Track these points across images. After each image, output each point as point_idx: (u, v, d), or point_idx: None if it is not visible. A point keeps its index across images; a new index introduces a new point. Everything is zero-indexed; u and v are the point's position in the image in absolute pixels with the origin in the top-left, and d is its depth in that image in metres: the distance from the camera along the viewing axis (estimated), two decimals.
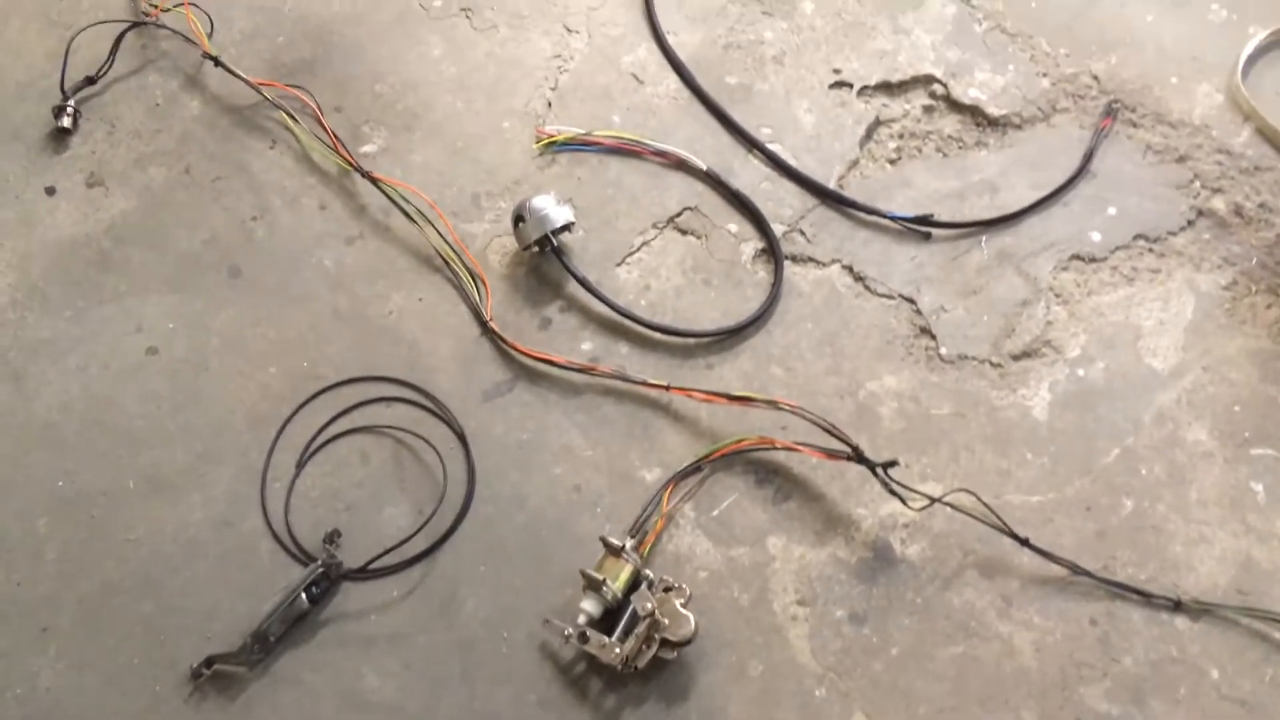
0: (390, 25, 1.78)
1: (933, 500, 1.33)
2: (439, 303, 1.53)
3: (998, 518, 1.31)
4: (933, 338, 1.50)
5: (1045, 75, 1.71)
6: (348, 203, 1.60)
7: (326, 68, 1.73)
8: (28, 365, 1.47)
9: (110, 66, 1.69)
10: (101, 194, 1.60)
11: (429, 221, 1.56)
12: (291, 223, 1.58)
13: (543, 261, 1.55)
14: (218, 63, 1.66)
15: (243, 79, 1.65)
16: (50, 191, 1.60)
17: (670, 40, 1.76)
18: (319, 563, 1.30)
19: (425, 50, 1.75)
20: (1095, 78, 1.70)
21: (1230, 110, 1.66)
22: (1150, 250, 1.55)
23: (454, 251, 1.55)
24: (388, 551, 1.32)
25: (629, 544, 1.29)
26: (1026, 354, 1.48)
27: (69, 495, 1.38)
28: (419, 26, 1.78)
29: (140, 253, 1.55)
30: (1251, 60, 1.70)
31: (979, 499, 1.32)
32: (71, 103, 1.64)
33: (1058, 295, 1.52)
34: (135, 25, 1.72)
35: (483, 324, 1.51)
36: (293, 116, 1.64)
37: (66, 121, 1.62)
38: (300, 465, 1.40)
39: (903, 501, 1.33)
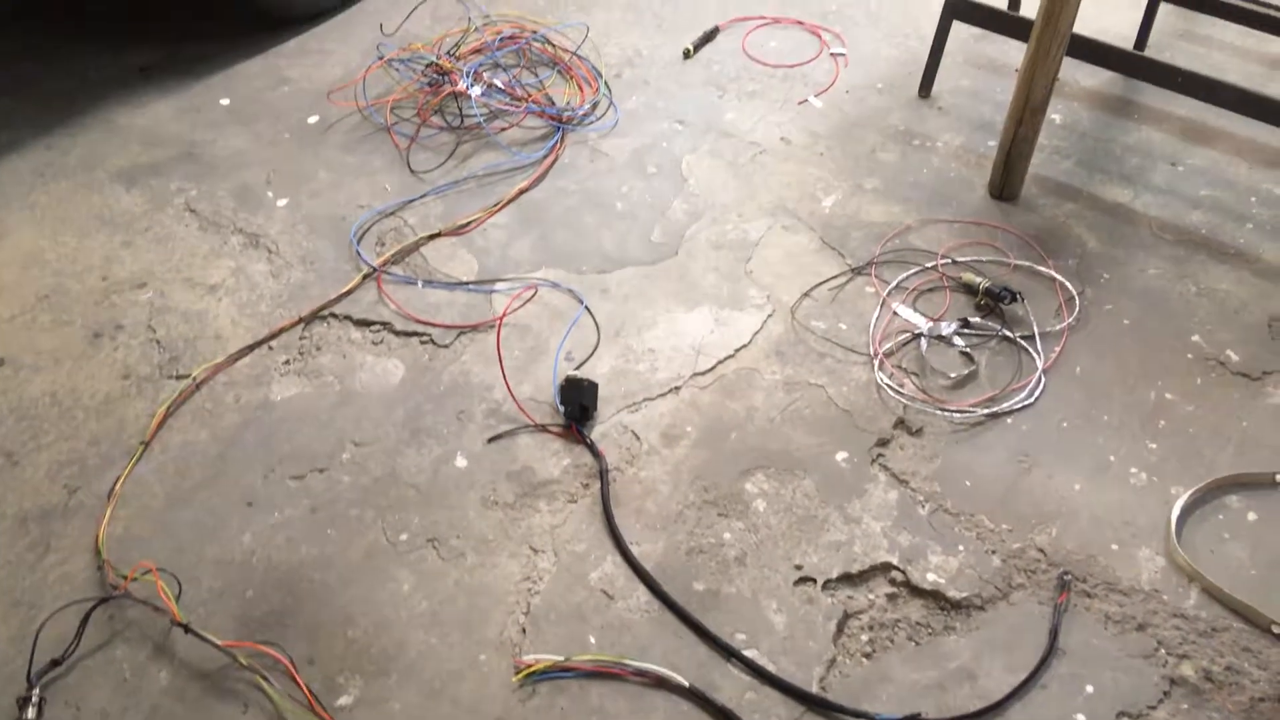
0: (359, 564, 1.80)
1: None
2: None
3: None
4: None
5: (994, 552, 1.79)
6: None
7: (297, 617, 1.72)
8: None
9: (77, 645, 1.66)
10: None
11: None
12: None
13: None
14: (188, 629, 1.64)
15: (212, 643, 1.64)
16: None
17: (634, 550, 1.81)
18: None
19: (395, 587, 1.77)
20: (1041, 551, 1.79)
21: (1174, 573, 1.75)
22: None
23: None
24: None
25: None
26: None
27: None
28: (388, 562, 1.80)
29: None
30: (1180, 520, 1.81)
31: None
32: (36, 691, 1.59)
33: None
34: (103, 601, 1.70)
35: None
36: (265, 677, 1.62)
37: (31, 714, 1.57)
38: None
39: None
